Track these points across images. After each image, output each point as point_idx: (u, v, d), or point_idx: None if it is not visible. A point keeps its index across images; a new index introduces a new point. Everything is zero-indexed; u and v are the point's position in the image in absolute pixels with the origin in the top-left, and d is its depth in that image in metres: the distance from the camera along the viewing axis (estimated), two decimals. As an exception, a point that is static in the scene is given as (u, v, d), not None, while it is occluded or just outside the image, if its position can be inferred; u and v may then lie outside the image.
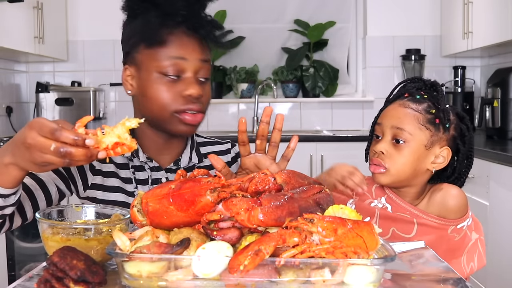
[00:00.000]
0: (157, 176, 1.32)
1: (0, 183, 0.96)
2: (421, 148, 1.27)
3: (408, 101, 1.29)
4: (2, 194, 0.98)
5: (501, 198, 2.41)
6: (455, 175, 1.33)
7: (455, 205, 1.27)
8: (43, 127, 0.85)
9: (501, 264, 2.42)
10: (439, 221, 1.26)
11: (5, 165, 0.94)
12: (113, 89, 3.93)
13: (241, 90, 3.92)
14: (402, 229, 1.28)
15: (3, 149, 0.95)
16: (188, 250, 0.83)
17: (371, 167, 1.30)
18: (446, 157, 1.29)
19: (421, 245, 1.16)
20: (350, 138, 3.43)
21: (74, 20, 3.87)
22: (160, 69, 1.20)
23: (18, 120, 3.70)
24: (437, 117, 1.27)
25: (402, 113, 1.28)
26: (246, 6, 4.01)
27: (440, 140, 1.28)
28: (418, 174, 1.29)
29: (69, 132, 0.84)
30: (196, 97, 1.20)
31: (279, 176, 0.94)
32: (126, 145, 0.88)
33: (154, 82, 1.21)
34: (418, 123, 1.26)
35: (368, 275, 0.80)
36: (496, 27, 2.94)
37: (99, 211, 1.09)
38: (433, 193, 1.30)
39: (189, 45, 1.21)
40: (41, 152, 0.85)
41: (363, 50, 3.99)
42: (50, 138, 0.84)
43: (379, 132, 1.31)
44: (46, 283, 0.83)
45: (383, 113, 1.34)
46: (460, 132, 1.31)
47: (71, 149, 0.84)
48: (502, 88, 3.10)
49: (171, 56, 1.20)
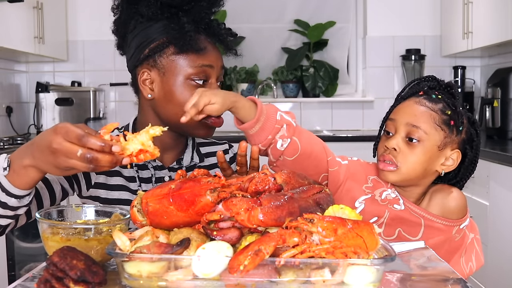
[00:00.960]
0: (160, 174, 1.32)
1: (17, 185, 0.97)
2: (434, 149, 1.25)
3: (424, 99, 1.27)
4: (18, 195, 0.98)
5: (501, 198, 2.41)
6: (457, 178, 1.32)
7: (456, 206, 1.26)
8: (69, 133, 0.87)
9: (501, 264, 2.42)
10: (446, 222, 1.25)
11: (24, 166, 0.94)
12: (113, 89, 3.93)
13: (241, 90, 3.92)
14: (408, 230, 1.26)
15: (22, 151, 0.96)
16: (188, 250, 0.83)
17: (381, 164, 1.26)
18: (455, 160, 1.27)
19: (421, 245, 1.16)
20: (350, 138, 3.43)
21: (74, 20, 3.87)
22: (189, 75, 1.23)
23: (18, 120, 3.70)
24: (452, 119, 1.25)
25: (418, 110, 1.25)
26: (246, 6, 4.02)
27: (452, 142, 1.26)
28: (427, 174, 1.27)
29: (95, 139, 0.86)
30: None
31: (279, 176, 0.94)
32: (149, 152, 0.90)
33: (182, 87, 1.23)
34: (434, 122, 1.24)
35: (368, 275, 0.80)
36: (496, 27, 2.94)
37: (99, 210, 1.09)
38: (433, 194, 1.29)
39: (214, 52, 1.26)
40: (67, 157, 0.87)
41: (363, 50, 3.99)
42: (77, 144, 0.86)
43: (391, 129, 1.28)
44: (46, 283, 0.83)
45: (397, 109, 1.30)
46: (470, 136, 1.30)
47: (97, 155, 0.86)
48: (502, 88, 3.10)
49: (202, 64, 1.23)
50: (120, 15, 1.30)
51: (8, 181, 0.96)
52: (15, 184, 0.96)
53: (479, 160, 1.33)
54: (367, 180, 1.32)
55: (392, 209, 1.28)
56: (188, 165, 1.35)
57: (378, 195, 1.29)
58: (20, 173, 0.95)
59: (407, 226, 1.26)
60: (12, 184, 0.96)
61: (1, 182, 0.96)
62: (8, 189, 0.97)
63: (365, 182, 1.31)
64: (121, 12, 1.29)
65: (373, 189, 1.31)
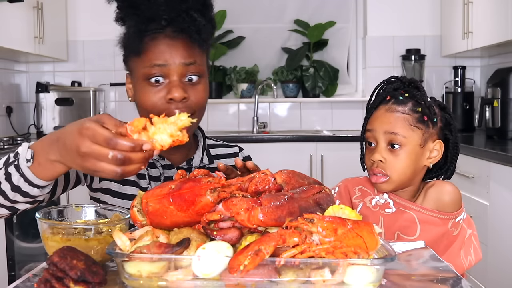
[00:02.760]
0: (169, 174, 1.32)
1: (41, 177, 0.96)
2: (417, 148, 1.29)
3: (393, 104, 1.31)
4: (41, 186, 0.98)
5: (501, 198, 2.41)
6: (447, 164, 1.36)
7: (450, 200, 1.29)
8: (97, 136, 0.84)
9: (501, 264, 2.42)
10: (439, 215, 1.27)
11: (51, 161, 0.93)
12: (113, 89, 3.94)
13: (241, 90, 3.92)
14: (405, 231, 1.28)
15: (46, 145, 0.94)
16: (188, 250, 0.83)
17: (373, 177, 1.31)
18: (440, 150, 1.32)
19: (421, 245, 1.17)
20: (350, 138, 3.43)
21: (74, 20, 3.88)
22: (145, 76, 1.21)
23: (18, 120, 3.70)
24: (424, 114, 1.29)
25: (391, 117, 1.29)
26: (246, 6, 4.01)
27: (431, 135, 1.30)
28: (417, 173, 1.32)
29: (125, 140, 0.83)
30: (180, 100, 1.19)
31: (279, 176, 0.94)
32: (179, 140, 0.87)
33: (142, 89, 1.22)
34: (409, 124, 1.28)
35: (368, 275, 0.80)
36: (496, 27, 2.94)
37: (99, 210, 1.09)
38: (428, 191, 1.32)
39: (170, 49, 1.21)
40: (96, 160, 0.84)
41: (363, 50, 3.99)
42: (106, 147, 0.83)
43: (372, 139, 1.32)
44: (46, 283, 0.83)
45: (372, 120, 1.34)
46: (446, 122, 1.33)
47: (129, 154, 0.83)
48: (502, 88, 3.10)
49: (153, 63, 1.20)
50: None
51: (32, 173, 0.95)
52: (39, 176, 0.96)
53: (479, 160, 1.35)
54: (354, 192, 1.38)
55: (385, 213, 1.32)
56: (198, 166, 1.35)
57: (368, 202, 1.34)
58: (46, 166, 0.94)
59: (403, 226, 1.30)
60: (36, 175, 0.95)
61: (25, 173, 0.95)
62: (32, 180, 0.96)
63: (354, 194, 1.37)
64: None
65: (362, 197, 1.36)
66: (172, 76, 1.21)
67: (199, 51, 1.24)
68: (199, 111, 1.25)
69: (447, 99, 3.69)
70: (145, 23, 1.21)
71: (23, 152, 0.96)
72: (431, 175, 1.38)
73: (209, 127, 3.89)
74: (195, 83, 1.23)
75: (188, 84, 1.22)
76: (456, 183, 1.35)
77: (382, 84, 1.38)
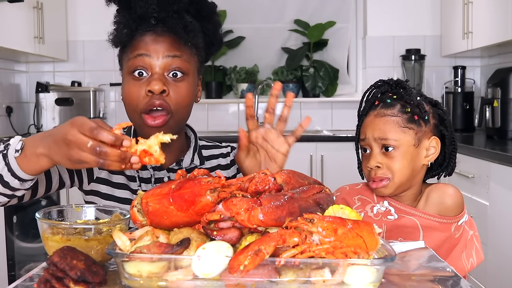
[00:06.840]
0: (159, 175, 1.32)
1: (25, 169, 0.99)
2: (411, 148, 1.28)
3: (381, 109, 1.31)
4: (22, 179, 1.01)
5: (501, 198, 2.41)
6: (446, 160, 1.35)
7: (452, 203, 1.28)
8: (84, 125, 0.88)
9: (501, 263, 2.42)
10: (442, 220, 1.27)
11: (37, 155, 0.97)
12: (113, 89, 3.93)
13: (241, 90, 3.92)
14: (408, 238, 1.28)
15: (37, 139, 0.98)
16: (188, 250, 0.83)
17: (373, 184, 1.30)
18: (436, 146, 1.31)
19: (421, 245, 1.17)
20: (350, 138, 3.42)
21: (74, 20, 3.87)
22: (129, 68, 1.22)
23: (18, 120, 3.70)
24: (414, 114, 1.28)
25: (381, 123, 1.29)
26: (246, 6, 4.01)
27: (425, 133, 1.30)
28: (416, 172, 1.31)
29: (107, 132, 0.87)
30: (158, 92, 1.18)
31: (279, 176, 0.94)
32: (154, 157, 0.91)
33: (127, 83, 1.23)
34: (400, 127, 1.28)
35: (368, 275, 0.80)
36: (496, 27, 2.94)
37: (99, 210, 1.09)
38: (430, 194, 1.31)
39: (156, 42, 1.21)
40: (79, 149, 0.88)
41: (363, 50, 3.99)
42: (89, 136, 0.88)
43: (366, 146, 1.33)
44: (46, 283, 0.83)
45: (363, 128, 1.35)
46: (439, 118, 1.33)
47: (106, 148, 0.87)
48: (502, 88, 3.09)
49: (136, 54, 1.21)
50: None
51: (17, 164, 0.99)
52: (23, 168, 0.99)
53: (479, 160, 1.35)
54: (354, 201, 1.37)
55: (387, 221, 1.31)
56: (188, 167, 1.34)
57: (370, 211, 1.33)
58: (31, 159, 0.98)
59: (406, 233, 1.29)
60: (21, 167, 0.99)
61: (10, 162, 0.99)
62: (15, 171, 0.99)
63: (353, 204, 1.36)
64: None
65: (363, 206, 1.35)
66: (154, 68, 1.20)
67: (186, 48, 1.23)
68: (179, 111, 1.22)
69: (447, 99, 3.69)
70: (136, 21, 1.22)
71: (14, 143, 1.00)
72: (432, 173, 1.37)
73: (209, 127, 3.89)
74: (178, 79, 1.22)
75: (170, 80, 1.21)
76: (456, 183, 1.35)
77: (370, 89, 1.39)
